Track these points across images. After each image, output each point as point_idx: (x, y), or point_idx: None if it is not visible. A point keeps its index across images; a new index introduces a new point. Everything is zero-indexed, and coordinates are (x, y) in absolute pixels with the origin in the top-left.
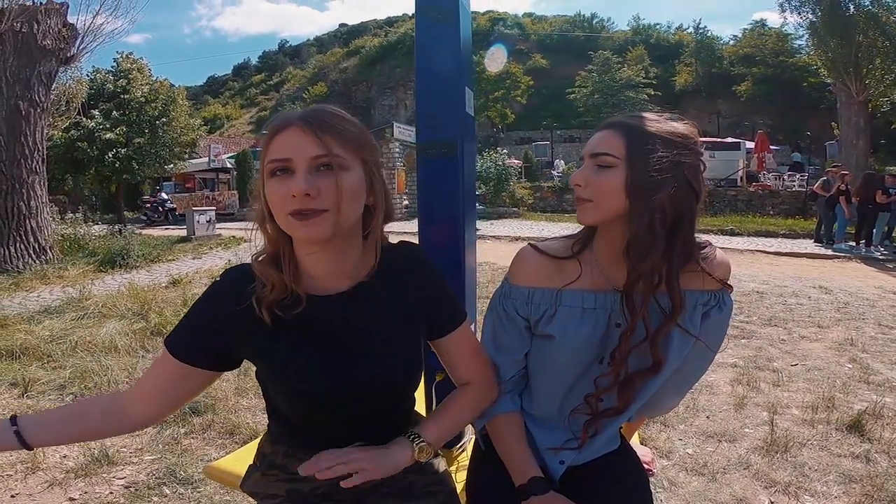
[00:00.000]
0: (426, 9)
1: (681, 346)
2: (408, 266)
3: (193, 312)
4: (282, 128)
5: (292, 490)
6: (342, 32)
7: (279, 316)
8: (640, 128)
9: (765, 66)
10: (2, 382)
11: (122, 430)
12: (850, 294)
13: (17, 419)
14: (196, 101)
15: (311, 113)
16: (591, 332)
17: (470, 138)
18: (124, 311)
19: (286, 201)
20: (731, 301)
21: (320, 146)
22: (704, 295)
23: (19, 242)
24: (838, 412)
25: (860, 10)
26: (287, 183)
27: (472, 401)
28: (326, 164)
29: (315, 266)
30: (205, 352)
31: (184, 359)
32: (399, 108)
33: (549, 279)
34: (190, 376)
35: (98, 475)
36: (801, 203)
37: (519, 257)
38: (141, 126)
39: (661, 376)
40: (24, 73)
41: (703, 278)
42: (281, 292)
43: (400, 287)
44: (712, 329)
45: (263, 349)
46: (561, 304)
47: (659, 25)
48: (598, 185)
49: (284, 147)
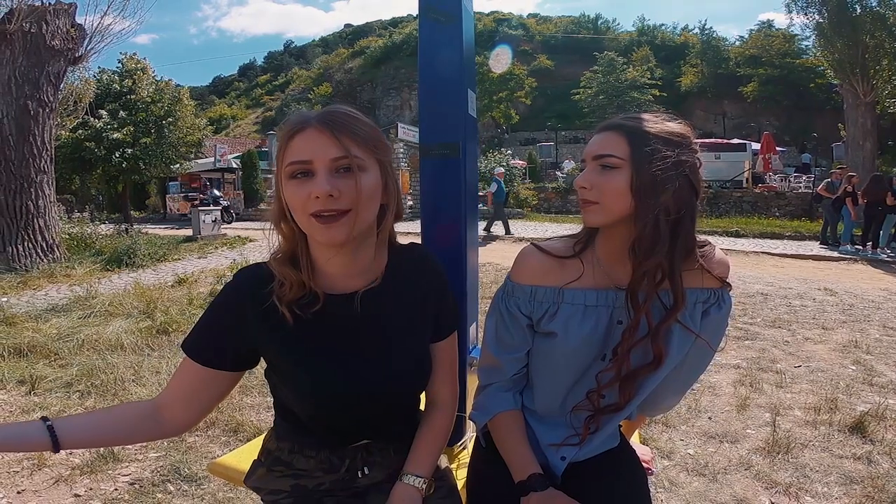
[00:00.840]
0: (429, 11)
1: (681, 343)
2: (419, 267)
3: (210, 316)
4: (299, 129)
5: (296, 486)
6: (347, 33)
7: (298, 314)
8: (641, 129)
9: (771, 67)
10: (10, 380)
11: (157, 436)
12: (855, 296)
13: (50, 419)
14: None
15: (329, 114)
16: (593, 329)
17: (472, 139)
18: (130, 309)
19: (308, 203)
20: (731, 299)
21: (340, 148)
22: (704, 293)
23: (27, 241)
24: (841, 414)
25: (867, 10)
26: (308, 185)
27: (445, 427)
28: (346, 165)
29: (331, 265)
30: (225, 354)
31: (205, 363)
32: (403, 108)
33: (551, 277)
34: (215, 379)
35: (103, 472)
36: (807, 205)
37: (521, 256)
38: (147, 126)
39: (662, 371)
40: (33, 73)
41: (703, 276)
42: (299, 290)
43: (411, 287)
44: (712, 327)
45: (281, 347)
46: (563, 302)
47: (664, 26)
48: (604, 187)
49: (304, 149)
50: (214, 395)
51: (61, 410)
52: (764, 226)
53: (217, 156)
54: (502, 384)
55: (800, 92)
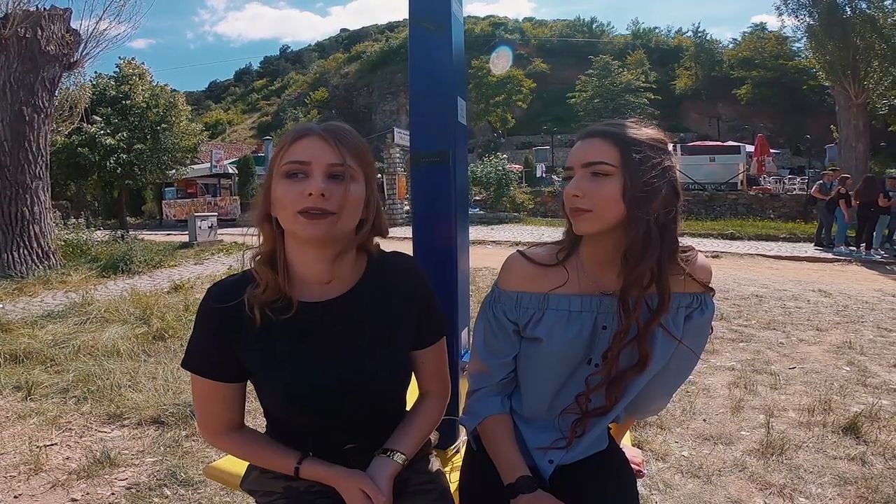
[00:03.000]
0: (419, 20)
1: (665, 345)
2: (400, 275)
3: (198, 334)
4: (302, 135)
5: (288, 487)
6: (343, 37)
7: (270, 319)
8: (627, 135)
9: (764, 70)
10: (6, 386)
11: None
12: (849, 297)
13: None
14: (198, 107)
15: (331, 126)
16: (578, 334)
17: (462, 147)
18: (126, 315)
19: (299, 199)
20: (713, 304)
21: (337, 155)
22: (687, 297)
23: (23, 248)
24: (835, 415)
25: (857, 12)
26: (302, 184)
27: (433, 413)
28: (340, 172)
29: (306, 270)
30: (224, 366)
31: (212, 377)
32: (400, 113)
33: (536, 284)
34: (226, 390)
35: (100, 476)
36: (801, 206)
37: (507, 264)
38: (143, 132)
39: (647, 374)
40: (28, 79)
41: (685, 281)
42: (273, 294)
43: (390, 294)
44: (694, 331)
45: (255, 352)
46: (548, 308)
47: (658, 29)
48: (597, 195)
49: (304, 151)
50: (240, 401)
51: (57, 416)
52: (759, 228)
53: (213, 161)
54: (491, 389)
55: (793, 94)
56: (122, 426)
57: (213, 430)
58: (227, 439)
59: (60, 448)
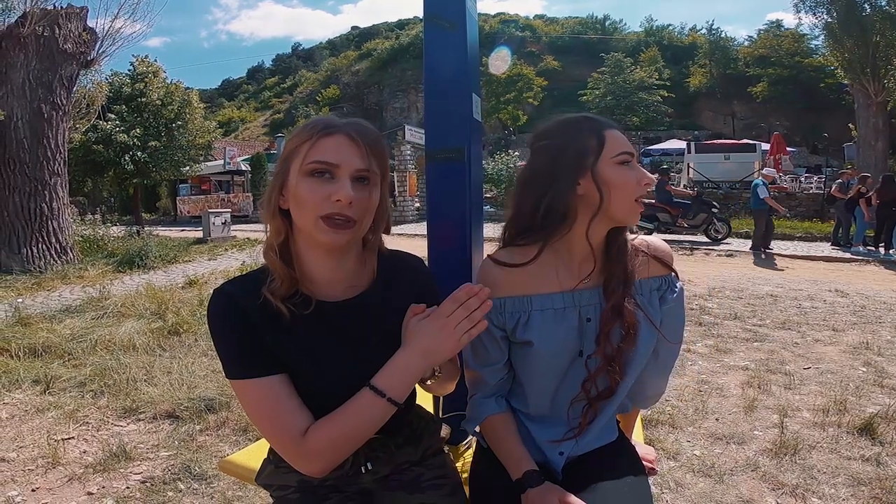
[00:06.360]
0: (433, 17)
1: (647, 324)
2: (406, 276)
3: (223, 340)
4: (329, 133)
5: (302, 481)
6: (354, 35)
7: (289, 315)
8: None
9: (780, 67)
10: (25, 379)
11: None
12: (866, 297)
13: None
14: (211, 104)
15: (359, 127)
16: (566, 330)
17: (477, 143)
18: (142, 310)
19: (324, 203)
20: (681, 285)
21: (365, 160)
22: (656, 280)
23: (41, 243)
24: (850, 415)
25: (876, 10)
26: (327, 186)
27: (447, 380)
28: (365, 177)
29: (315, 270)
30: (265, 360)
31: (264, 374)
32: (411, 110)
33: (517, 286)
34: (282, 383)
35: (115, 470)
36: (818, 205)
37: (483, 273)
38: (158, 129)
39: (640, 347)
40: (46, 77)
41: (649, 266)
42: (289, 288)
43: (397, 294)
44: (671, 311)
45: (276, 347)
46: (533, 310)
47: (672, 26)
48: None
49: (333, 152)
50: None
51: (75, 410)
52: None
53: (227, 158)
54: (486, 392)
55: (810, 92)
56: (138, 420)
57: (293, 436)
58: (314, 437)
59: (77, 442)
